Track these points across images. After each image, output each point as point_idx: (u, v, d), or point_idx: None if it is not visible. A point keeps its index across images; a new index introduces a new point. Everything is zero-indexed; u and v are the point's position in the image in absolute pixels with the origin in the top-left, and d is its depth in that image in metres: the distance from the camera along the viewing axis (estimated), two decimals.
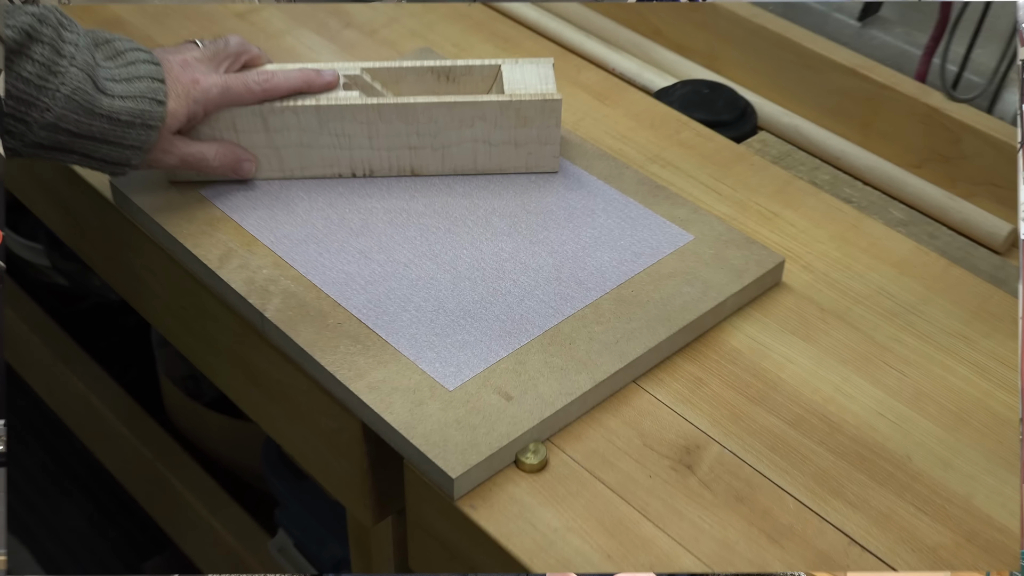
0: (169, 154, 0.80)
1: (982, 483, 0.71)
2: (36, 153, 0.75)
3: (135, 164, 0.79)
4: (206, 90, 0.81)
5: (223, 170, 0.84)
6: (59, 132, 0.74)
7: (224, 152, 0.84)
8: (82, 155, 0.77)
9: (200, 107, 0.81)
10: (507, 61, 0.89)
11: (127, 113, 0.75)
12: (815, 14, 1.08)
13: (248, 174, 0.86)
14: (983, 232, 0.92)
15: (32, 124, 0.73)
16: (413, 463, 0.71)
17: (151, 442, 1.34)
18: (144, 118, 0.76)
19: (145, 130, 0.77)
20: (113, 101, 0.75)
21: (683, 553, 0.67)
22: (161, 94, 0.77)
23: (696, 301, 0.79)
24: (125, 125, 0.76)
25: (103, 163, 0.78)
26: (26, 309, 1.54)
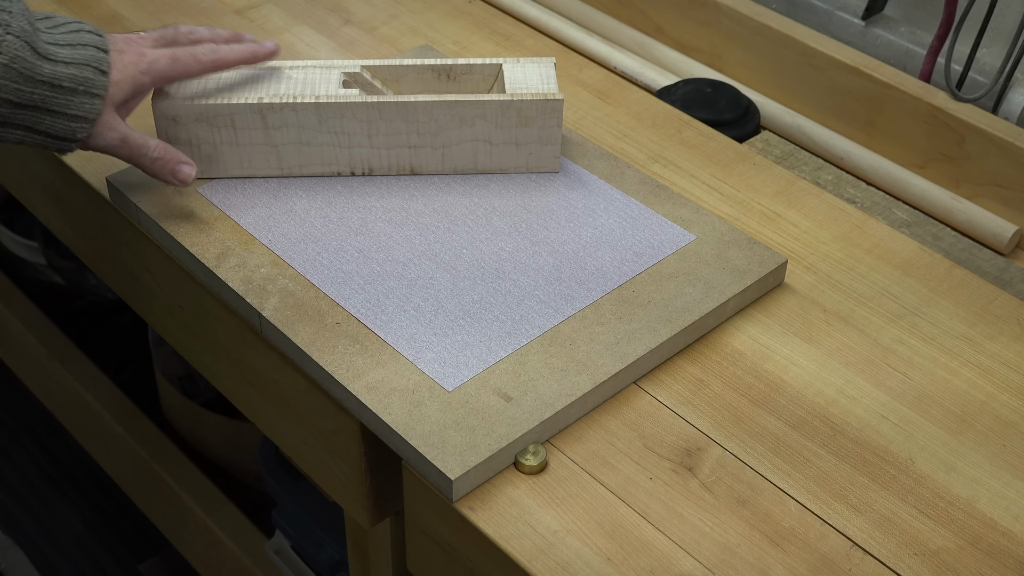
0: (112, 130, 0.77)
1: (986, 487, 0.71)
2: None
3: (80, 137, 0.76)
4: (153, 60, 0.79)
5: (160, 166, 0.80)
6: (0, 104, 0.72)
7: (165, 148, 0.80)
8: (25, 128, 0.74)
9: (148, 78, 0.79)
10: (508, 60, 0.89)
11: (70, 80, 0.73)
12: (819, 12, 1.08)
13: (186, 180, 0.81)
14: (988, 233, 0.92)
15: None
16: (411, 464, 0.70)
17: (147, 442, 1.34)
18: (87, 85, 0.74)
19: (89, 98, 0.75)
20: (56, 67, 0.73)
21: (684, 556, 0.66)
22: (104, 64, 0.75)
23: (698, 302, 0.79)
24: (68, 92, 0.73)
25: (47, 137, 0.75)
26: (21, 307, 1.53)
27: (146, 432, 1.35)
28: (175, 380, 1.40)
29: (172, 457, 1.32)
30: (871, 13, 1.06)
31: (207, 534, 1.26)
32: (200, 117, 0.83)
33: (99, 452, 1.47)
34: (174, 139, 0.84)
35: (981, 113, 0.94)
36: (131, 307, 0.98)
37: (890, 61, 1.03)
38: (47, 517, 1.60)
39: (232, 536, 1.24)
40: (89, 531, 1.58)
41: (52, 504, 1.61)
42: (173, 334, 0.93)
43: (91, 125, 0.76)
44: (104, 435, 1.41)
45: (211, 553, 1.29)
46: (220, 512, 1.26)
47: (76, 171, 0.91)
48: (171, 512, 1.33)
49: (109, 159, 0.91)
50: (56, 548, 1.56)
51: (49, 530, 1.58)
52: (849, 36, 1.06)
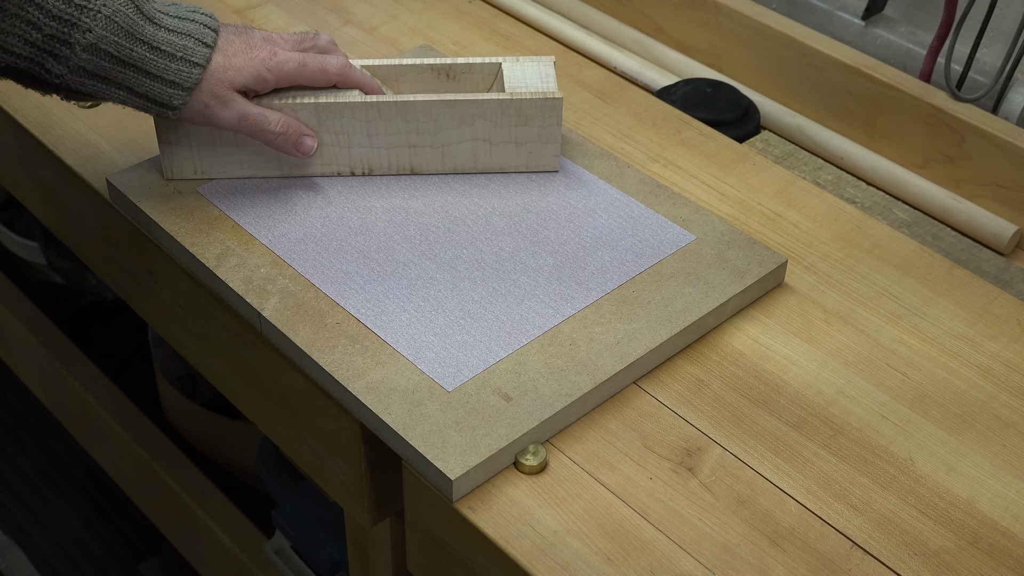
0: (228, 107, 0.80)
1: (986, 487, 0.71)
2: (82, 83, 0.76)
3: (177, 104, 0.78)
4: (282, 61, 0.81)
5: (284, 140, 0.83)
6: (101, 56, 0.75)
7: (288, 121, 0.83)
8: (127, 89, 0.77)
9: (272, 75, 0.81)
10: (508, 59, 0.88)
11: (169, 45, 0.76)
12: (819, 12, 1.08)
13: (308, 151, 0.84)
14: (988, 233, 0.92)
15: (75, 46, 0.74)
16: (411, 464, 0.70)
17: (147, 442, 1.34)
18: (187, 53, 0.77)
19: (187, 66, 0.77)
20: (158, 31, 0.76)
21: (684, 556, 0.66)
22: (209, 39, 0.78)
23: (698, 302, 0.79)
24: (167, 57, 0.76)
25: (147, 101, 0.78)
26: (22, 307, 1.53)
27: (146, 432, 1.35)
28: (175, 380, 1.40)
29: (172, 457, 1.32)
30: (871, 13, 1.06)
31: (207, 534, 1.26)
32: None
33: (99, 452, 1.47)
34: (174, 139, 0.84)
35: (981, 113, 0.94)
36: (131, 307, 0.98)
37: (890, 61, 1.03)
38: (47, 517, 1.60)
39: (232, 536, 1.24)
40: (89, 531, 1.58)
41: (52, 504, 1.61)
42: (173, 334, 0.93)
43: (187, 94, 0.78)
44: (104, 435, 1.41)
45: (211, 553, 1.29)
46: (220, 512, 1.26)
47: (76, 171, 0.91)
48: (171, 512, 1.33)
49: (109, 159, 0.92)
50: (56, 548, 1.56)
51: (49, 530, 1.58)
52: (849, 36, 1.06)
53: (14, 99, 0.98)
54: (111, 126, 0.95)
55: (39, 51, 0.74)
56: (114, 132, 0.94)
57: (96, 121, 0.96)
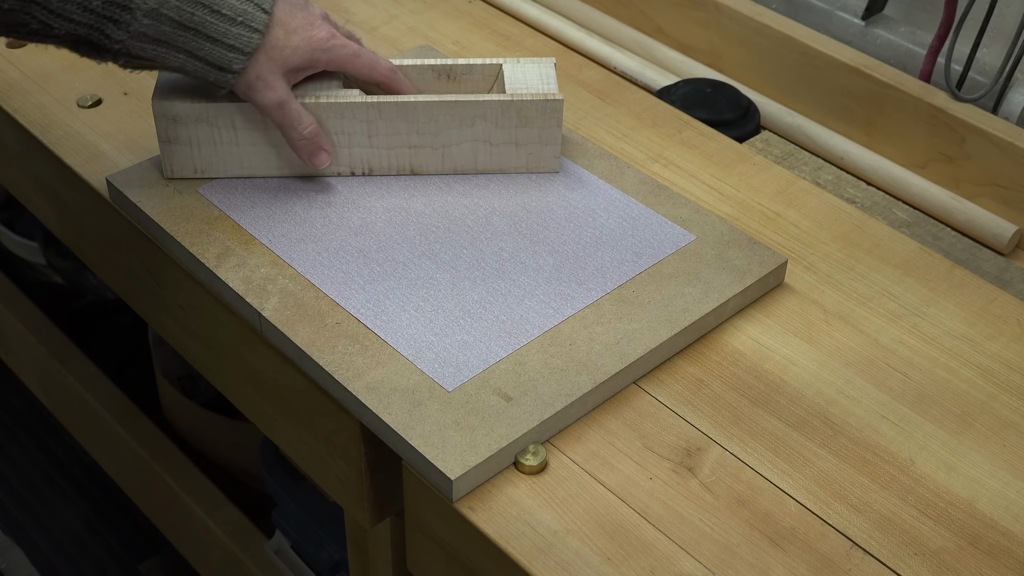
0: (272, 90, 0.80)
1: (986, 487, 0.71)
2: (142, 48, 0.76)
3: (237, 69, 0.78)
4: (341, 45, 0.82)
5: (305, 145, 0.83)
6: (162, 20, 0.75)
7: (316, 130, 0.83)
8: (187, 53, 0.77)
9: (326, 57, 0.81)
10: (508, 60, 0.89)
11: (229, 8, 0.76)
12: (819, 12, 1.08)
13: (320, 165, 0.84)
14: (988, 233, 0.92)
15: (136, 11, 0.74)
16: (411, 464, 0.70)
17: (147, 442, 1.34)
18: (246, 18, 0.77)
19: (247, 31, 0.77)
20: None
21: (684, 556, 0.66)
22: (267, 5, 0.78)
23: (698, 302, 0.79)
24: (227, 20, 0.77)
25: (207, 65, 0.78)
26: (21, 307, 1.53)
27: (146, 432, 1.35)
28: (175, 380, 1.40)
29: (172, 457, 1.32)
30: (871, 13, 1.06)
31: (207, 534, 1.26)
32: (200, 117, 0.83)
33: (99, 452, 1.47)
34: (174, 139, 0.84)
35: (981, 113, 0.94)
36: (131, 307, 0.98)
37: (890, 61, 1.03)
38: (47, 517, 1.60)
39: (232, 536, 1.24)
40: (89, 531, 1.58)
41: (52, 504, 1.61)
42: (173, 334, 0.93)
43: (247, 59, 0.78)
44: (104, 435, 1.41)
45: (211, 553, 1.28)
46: (220, 512, 1.26)
47: (76, 171, 0.91)
48: (171, 512, 1.33)
49: (109, 159, 0.92)
50: (56, 548, 1.56)
51: (49, 530, 1.58)
52: (849, 36, 1.06)
53: (14, 99, 0.98)
54: (111, 126, 0.95)
55: (99, 17, 0.74)
56: (114, 132, 0.94)
57: (96, 121, 0.96)
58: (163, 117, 0.83)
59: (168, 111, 0.83)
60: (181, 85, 0.84)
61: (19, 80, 1.00)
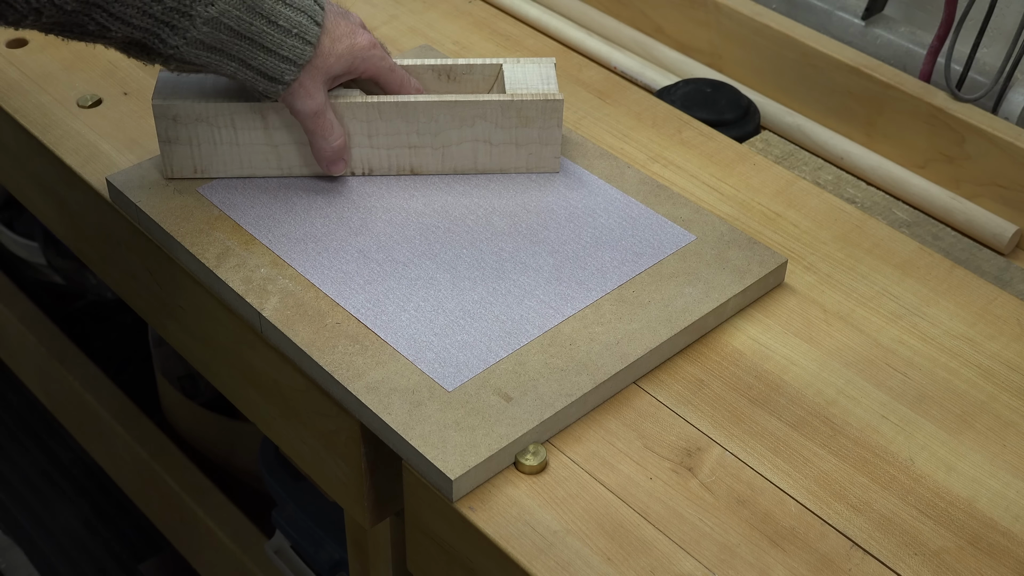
0: (311, 98, 0.80)
1: (986, 487, 0.71)
2: (196, 55, 0.76)
3: (288, 80, 0.79)
4: (380, 56, 0.82)
5: (329, 153, 0.83)
6: (220, 29, 0.75)
7: (344, 144, 0.84)
8: (239, 61, 0.77)
9: (364, 65, 0.82)
10: (508, 60, 0.89)
11: (286, 20, 0.77)
12: (819, 12, 1.08)
13: (336, 173, 0.85)
14: (988, 233, 0.92)
15: (196, 18, 0.74)
16: (411, 464, 0.70)
17: (147, 442, 1.34)
18: (301, 30, 0.77)
19: (301, 43, 0.78)
20: (276, 4, 0.76)
21: (684, 556, 0.66)
22: (319, 18, 0.78)
23: (698, 302, 0.79)
24: (283, 32, 0.77)
25: (258, 74, 0.78)
26: (21, 307, 1.53)
27: (146, 432, 1.35)
28: (175, 380, 1.40)
29: (172, 457, 1.32)
30: (871, 13, 1.06)
31: (207, 534, 1.26)
32: (200, 117, 0.83)
33: (99, 452, 1.47)
34: (174, 139, 0.84)
35: (981, 113, 0.94)
36: (131, 307, 0.98)
37: (890, 61, 1.03)
38: (47, 517, 1.60)
39: (232, 536, 1.24)
40: (89, 531, 1.58)
41: (52, 504, 1.61)
42: (173, 334, 0.93)
43: (299, 70, 0.79)
44: (104, 435, 1.41)
45: (211, 553, 1.28)
46: (220, 512, 1.26)
47: (76, 171, 0.91)
48: (171, 512, 1.33)
49: (109, 159, 0.92)
50: (56, 548, 1.56)
51: (49, 530, 1.58)
52: (849, 36, 1.06)
53: (14, 99, 0.98)
54: (111, 126, 0.95)
55: (157, 22, 0.73)
56: (114, 132, 0.94)
57: (96, 121, 0.96)
58: (163, 117, 0.83)
59: (168, 111, 0.83)
60: (181, 85, 0.84)
61: (19, 80, 1.00)
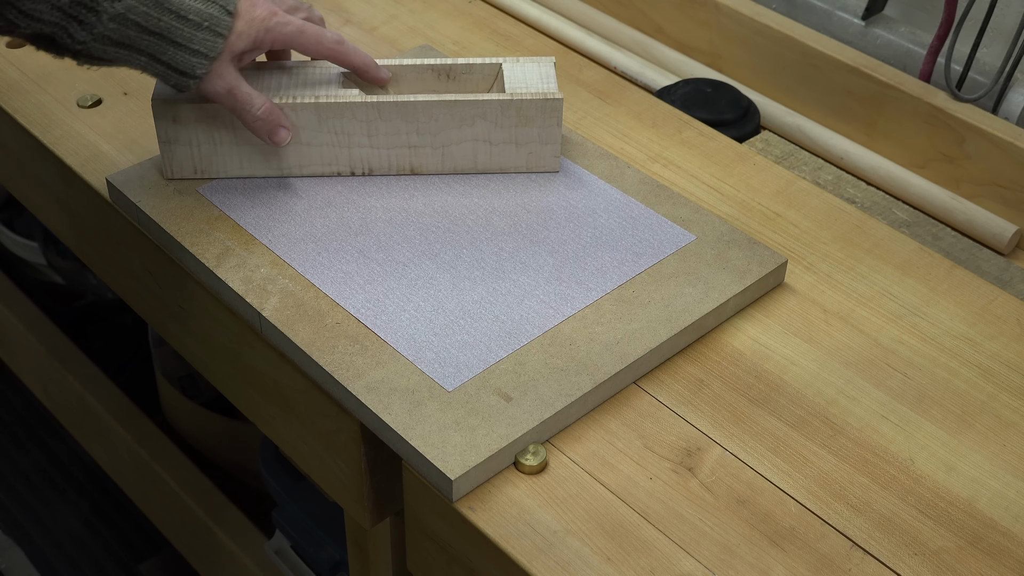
0: (221, 78, 0.79)
1: (986, 487, 0.71)
2: (104, 51, 0.76)
3: (199, 74, 0.78)
4: (283, 22, 0.80)
5: (262, 125, 0.82)
6: (128, 25, 0.74)
7: (270, 108, 0.82)
8: (149, 56, 0.76)
9: (271, 37, 0.80)
10: (508, 59, 0.88)
11: (196, 14, 0.76)
12: (819, 12, 1.08)
13: (281, 142, 0.83)
14: (988, 233, 0.92)
15: (102, 14, 0.73)
16: (411, 464, 0.70)
17: (147, 442, 1.34)
18: (212, 23, 0.76)
19: (212, 36, 0.77)
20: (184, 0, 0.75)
21: (684, 556, 0.66)
22: (231, 5, 0.77)
23: (698, 302, 0.79)
24: (193, 26, 0.76)
25: (168, 68, 0.77)
26: (21, 307, 1.53)
27: (146, 432, 1.35)
28: (175, 380, 1.40)
29: (172, 457, 1.32)
30: (871, 13, 1.06)
31: (207, 534, 1.26)
32: (200, 117, 0.83)
33: (99, 452, 1.47)
34: (174, 139, 0.84)
35: (981, 113, 0.94)
36: (131, 307, 0.98)
37: (890, 61, 1.03)
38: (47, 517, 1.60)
39: (232, 536, 1.24)
40: (89, 531, 1.58)
41: (52, 504, 1.61)
42: (173, 334, 0.93)
43: (211, 63, 0.78)
44: (104, 435, 1.41)
45: (211, 553, 1.28)
46: (220, 512, 1.26)
47: (76, 171, 0.91)
48: (171, 512, 1.33)
49: (109, 159, 0.92)
50: (56, 548, 1.56)
51: (49, 530, 1.58)
52: (849, 36, 1.06)
53: (14, 99, 0.98)
54: (111, 126, 0.95)
55: (66, 16, 0.73)
56: (114, 132, 0.94)
57: (96, 121, 0.96)
58: (163, 117, 0.83)
59: (168, 111, 0.83)
60: None
61: (19, 80, 1.00)
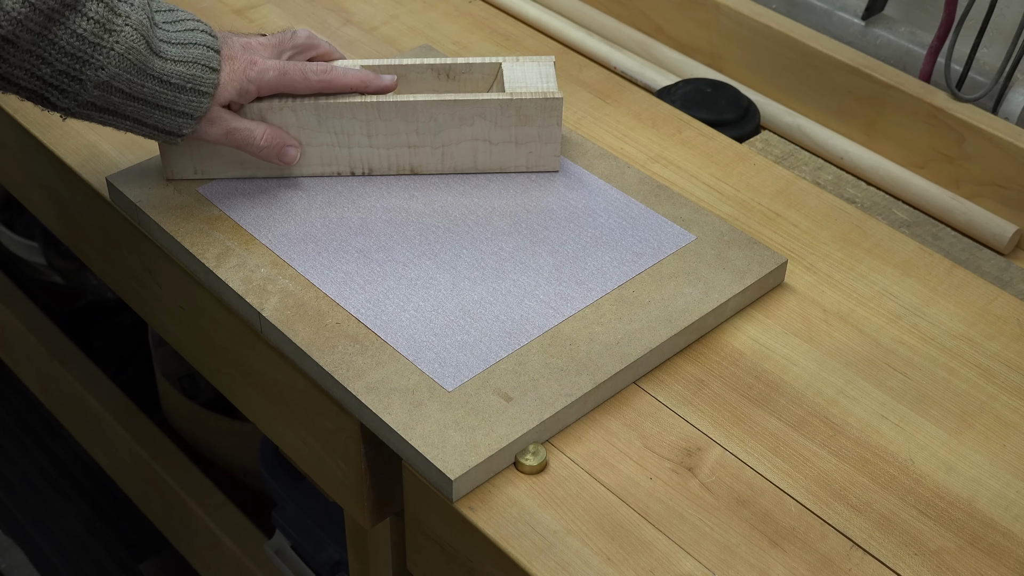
0: (215, 125, 0.80)
1: (986, 487, 0.71)
2: (89, 115, 0.76)
3: (186, 133, 0.79)
4: (262, 71, 0.81)
5: (268, 152, 0.83)
6: (112, 92, 0.74)
7: (272, 134, 0.83)
8: (134, 120, 0.77)
9: (254, 86, 0.81)
10: (508, 59, 0.88)
11: (179, 77, 0.76)
12: (819, 12, 1.08)
13: (291, 161, 0.84)
14: (988, 233, 0.92)
15: (86, 83, 0.73)
16: (411, 464, 0.70)
17: (147, 442, 1.34)
18: (196, 83, 0.77)
19: (196, 96, 0.77)
20: (166, 64, 0.75)
21: (684, 556, 0.66)
22: (215, 62, 0.77)
23: (698, 302, 0.79)
24: (177, 89, 0.76)
25: (155, 130, 0.78)
26: (21, 307, 1.53)
27: (146, 432, 1.35)
28: (175, 380, 1.40)
29: (172, 457, 1.32)
30: (871, 13, 1.06)
31: (207, 534, 1.26)
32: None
33: (99, 452, 1.47)
34: None
35: (981, 113, 0.94)
36: (131, 307, 0.98)
37: (890, 61, 1.03)
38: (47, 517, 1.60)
39: (232, 536, 1.24)
40: (89, 531, 1.58)
41: (52, 504, 1.61)
42: (173, 334, 0.93)
43: (196, 122, 0.78)
44: (104, 435, 1.41)
45: (211, 553, 1.28)
46: (220, 512, 1.26)
47: (76, 171, 0.91)
48: (171, 512, 1.33)
49: (109, 159, 0.92)
50: (56, 548, 1.56)
51: (49, 530, 1.58)
52: (849, 36, 1.06)
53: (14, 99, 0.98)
54: None
55: (46, 85, 0.72)
56: (114, 132, 0.94)
57: None
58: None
59: None
60: None
61: None
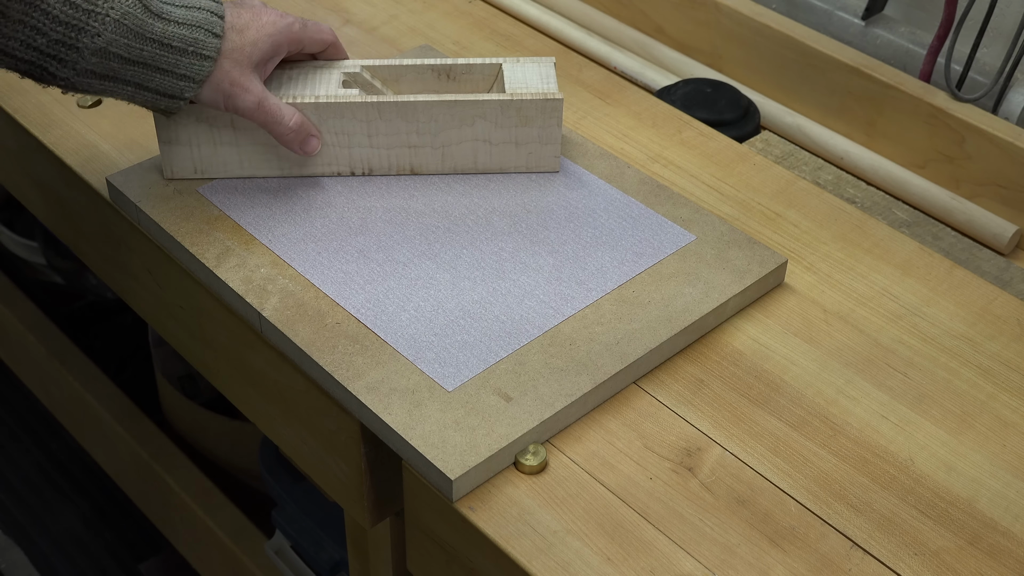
0: (248, 92, 0.79)
1: (986, 487, 0.71)
2: (89, 83, 0.75)
3: (187, 97, 0.78)
4: (290, 23, 0.82)
5: (294, 136, 0.82)
6: (110, 58, 0.74)
7: (301, 119, 0.82)
8: (135, 85, 0.76)
9: (284, 38, 0.81)
10: (508, 60, 0.89)
11: (179, 40, 0.75)
12: (819, 12, 1.08)
13: (312, 151, 0.84)
14: (988, 233, 0.92)
15: (83, 50, 0.72)
16: (411, 464, 0.70)
17: (147, 442, 1.34)
18: (197, 47, 0.76)
19: (198, 60, 0.76)
20: (167, 26, 0.75)
21: (684, 556, 0.66)
22: (218, 28, 0.77)
23: (698, 302, 0.79)
24: (178, 52, 0.75)
25: (157, 95, 0.77)
26: (21, 307, 1.53)
27: (146, 432, 1.35)
28: (175, 380, 1.40)
29: (172, 457, 1.32)
30: (871, 13, 1.06)
31: (207, 534, 1.26)
32: (200, 117, 0.83)
33: (99, 452, 1.47)
34: (174, 139, 0.84)
35: (981, 113, 0.94)
36: (131, 307, 0.98)
37: (890, 61, 1.03)
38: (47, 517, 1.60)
39: (232, 536, 1.24)
40: (89, 531, 1.58)
41: (52, 504, 1.61)
42: (173, 334, 0.93)
43: (199, 86, 0.78)
44: (104, 435, 1.41)
45: (211, 553, 1.28)
46: (220, 512, 1.26)
47: (76, 171, 0.91)
48: (171, 512, 1.33)
49: (109, 159, 0.92)
50: (56, 548, 1.56)
51: (49, 530, 1.58)
52: (849, 36, 1.06)
53: (14, 99, 0.98)
54: (111, 126, 0.95)
55: (43, 55, 0.72)
56: (114, 132, 0.94)
57: (96, 121, 0.96)
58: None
59: None
60: None
61: (19, 80, 1.00)
